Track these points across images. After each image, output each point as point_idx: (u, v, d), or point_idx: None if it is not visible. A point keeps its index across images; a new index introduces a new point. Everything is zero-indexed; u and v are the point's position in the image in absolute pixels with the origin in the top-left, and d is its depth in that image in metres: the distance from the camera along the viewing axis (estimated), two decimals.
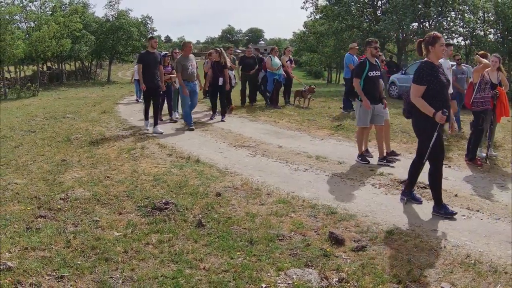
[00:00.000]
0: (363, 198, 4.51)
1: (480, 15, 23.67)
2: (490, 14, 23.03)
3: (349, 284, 2.80)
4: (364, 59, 5.89)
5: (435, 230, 3.69)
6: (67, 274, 2.85)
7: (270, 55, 10.92)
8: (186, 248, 3.25)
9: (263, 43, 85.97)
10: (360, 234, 3.56)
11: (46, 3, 26.80)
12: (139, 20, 35.59)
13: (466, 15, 23.26)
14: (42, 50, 22.66)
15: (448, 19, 24.00)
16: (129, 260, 3.07)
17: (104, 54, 35.06)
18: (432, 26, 23.52)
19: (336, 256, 3.17)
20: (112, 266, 2.98)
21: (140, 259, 3.09)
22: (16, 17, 22.73)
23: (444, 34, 20.81)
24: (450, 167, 5.67)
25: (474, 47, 23.18)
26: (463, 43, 25.26)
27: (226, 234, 3.50)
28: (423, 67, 3.90)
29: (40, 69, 28.50)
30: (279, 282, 2.81)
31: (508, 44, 21.68)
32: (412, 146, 6.68)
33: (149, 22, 36.76)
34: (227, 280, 2.81)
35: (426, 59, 3.98)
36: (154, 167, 5.56)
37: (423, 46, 3.98)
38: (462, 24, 23.61)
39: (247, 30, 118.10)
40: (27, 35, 23.79)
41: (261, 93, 11.58)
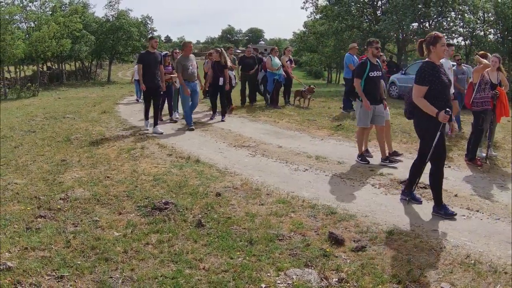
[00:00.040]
0: (363, 198, 4.51)
1: (480, 15, 23.67)
2: (490, 14, 23.02)
3: (348, 284, 2.80)
4: (365, 59, 5.85)
5: (435, 230, 3.69)
6: (67, 274, 2.85)
7: (270, 55, 10.92)
8: (185, 248, 3.25)
9: (263, 43, 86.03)
10: (360, 234, 3.56)
11: (46, 3, 26.85)
12: (139, 20, 35.65)
13: (466, 15, 23.26)
14: (42, 50, 22.68)
15: (448, 19, 24.01)
16: (129, 260, 3.07)
17: (104, 54, 35.12)
18: (432, 26, 23.53)
19: (336, 256, 3.17)
20: (112, 266, 2.98)
21: (140, 259, 3.09)
22: (16, 17, 22.79)
23: (444, 34, 20.71)
24: (450, 167, 5.67)
25: (474, 47, 23.18)
26: (463, 43, 25.30)
27: (225, 234, 3.50)
28: (424, 68, 3.87)
29: (40, 69, 28.51)
30: (278, 282, 2.81)
31: (508, 44, 21.68)
32: (412, 146, 6.69)
33: (149, 22, 36.91)
34: (226, 280, 2.81)
35: (427, 59, 3.95)
36: (154, 167, 5.56)
37: (424, 46, 3.96)
38: (462, 24, 23.62)
39: (247, 30, 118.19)
40: (27, 35, 23.81)
41: (260, 93, 11.58)
